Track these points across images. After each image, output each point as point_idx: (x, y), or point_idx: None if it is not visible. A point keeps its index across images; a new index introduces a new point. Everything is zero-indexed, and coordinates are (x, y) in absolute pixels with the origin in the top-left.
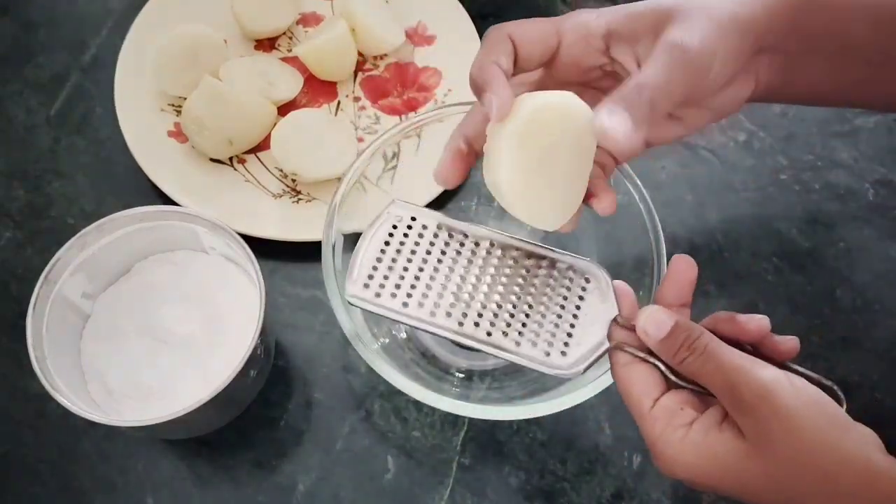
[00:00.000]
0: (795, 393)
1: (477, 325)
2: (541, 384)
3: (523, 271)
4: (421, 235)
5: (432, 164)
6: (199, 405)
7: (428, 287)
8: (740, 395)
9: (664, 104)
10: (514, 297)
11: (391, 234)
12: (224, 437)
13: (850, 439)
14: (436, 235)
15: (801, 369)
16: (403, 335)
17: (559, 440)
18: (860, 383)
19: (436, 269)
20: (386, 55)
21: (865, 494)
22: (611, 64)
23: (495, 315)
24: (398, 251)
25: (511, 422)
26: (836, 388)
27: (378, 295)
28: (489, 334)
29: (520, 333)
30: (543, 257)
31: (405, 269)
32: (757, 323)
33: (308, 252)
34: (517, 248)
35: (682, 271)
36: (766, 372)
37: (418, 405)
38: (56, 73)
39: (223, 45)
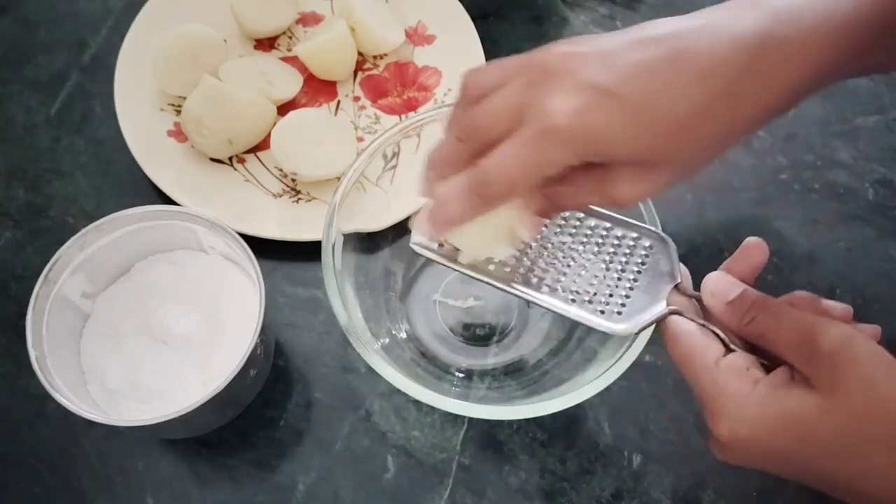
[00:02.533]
0: (873, 347)
1: (533, 280)
2: (541, 384)
3: (585, 235)
4: None
5: None
6: (199, 405)
7: None
8: (817, 344)
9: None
10: (573, 258)
11: None
12: (224, 436)
13: None
14: None
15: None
16: (403, 335)
17: (559, 440)
18: None
19: None
20: (386, 55)
21: None
22: None
23: (553, 272)
24: None
25: (511, 421)
26: None
27: (441, 245)
28: (545, 289)
29: (576, 291)
30: (607, 223)
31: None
32: (842, 310)
33: (308, 252)
34: (582, 212)
35: (753, 252)
36: (845, 325)
37: (418, 405)
38: (56, 73)
39: (223, 44)
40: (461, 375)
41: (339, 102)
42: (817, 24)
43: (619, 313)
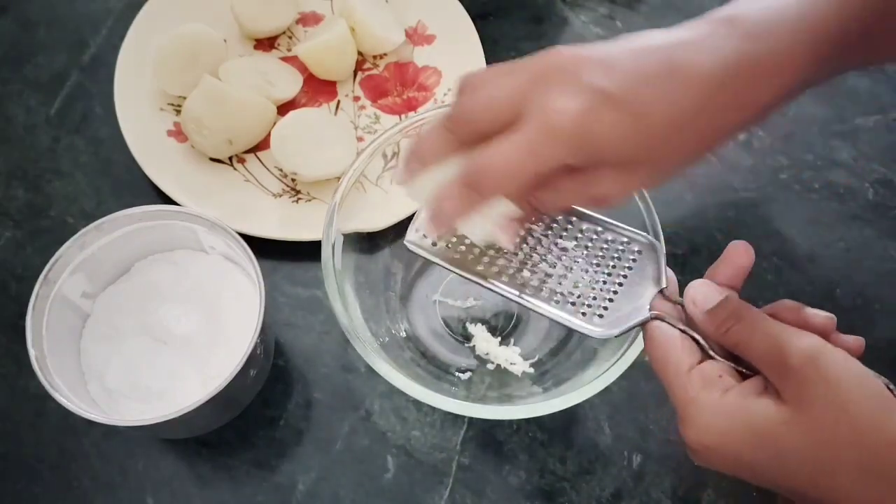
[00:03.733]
0: (846, 363)
1: (520, 281)
2: (540, 384)
3: (575, 238)
4: None
5: None
6: (199, 405)
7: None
8: (787, 357)
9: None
10: (561, 259)
11: None
12: (224, 436)
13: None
14: None
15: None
16: (403, 335)
17: (559, 440)
18: None
19: None
20: (385, 54)
21: None
22: None
23: (539, 273)
24: None
25: (511, 421)
26: (892, 386)
27: (434, 244)
28: (529, 289)
29: (560, 293)
30: (598, 226)
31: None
32: (824, 319)
33: (308, 251)
34: (574, 216)
35: (738, 255)
36: (817, 339)
37: (418, 405)
38: (56, 73)
39: (223, 44)
40: (461, 375)
41: (338, 102)
42: (788, 39)
43: (601, 316)
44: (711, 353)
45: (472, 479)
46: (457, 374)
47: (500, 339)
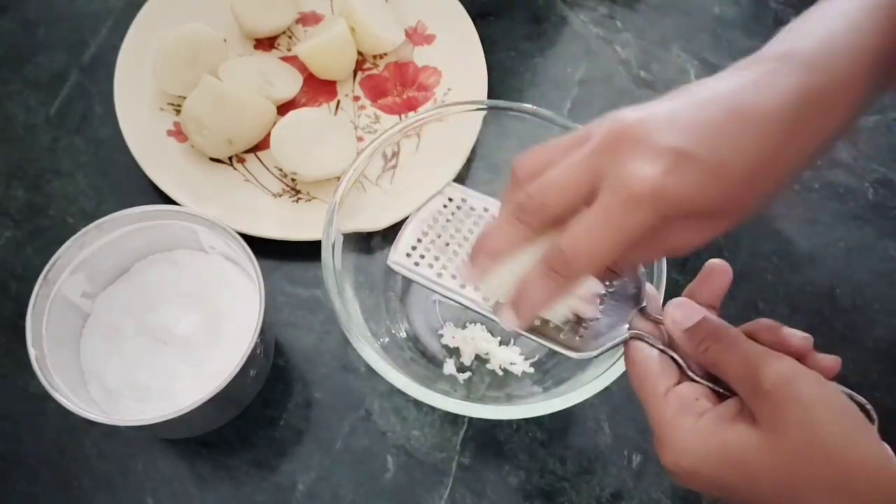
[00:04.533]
0: (818, 387)
1: (500, 301)
2: (541, 384)
3: None
4: (468, 216)
5: (432, 163)
6: (199, 404)
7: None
8: (761, 379)
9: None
10: None
11: (440, 212)
12: (224, 436)
13: (869, 443)
14: (480, 217)
15: (833, 384)
16: (403, 334)
17: (559, 440)
18: (860, 383)
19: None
20: (385, 54)
21: (879, 499)
22: None
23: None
24: (444, 227)
25: (511, 421)
26: (868, 406)
27: (417, 264)
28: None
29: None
30: None
31: (447, 244)
32: (801, 339)
33: (308, 251)
34: None
35: (715, 276)
36: (791, 361)
37: (418, 405)
38: (55, 73)
39: (223, 44)
40: (461, 375)
41: (338, 102)
42: (849, 67)
43: (581, 337)
44: (690, 373)
45: (471, 479)
46: (457, 374)
47: (499, 339)
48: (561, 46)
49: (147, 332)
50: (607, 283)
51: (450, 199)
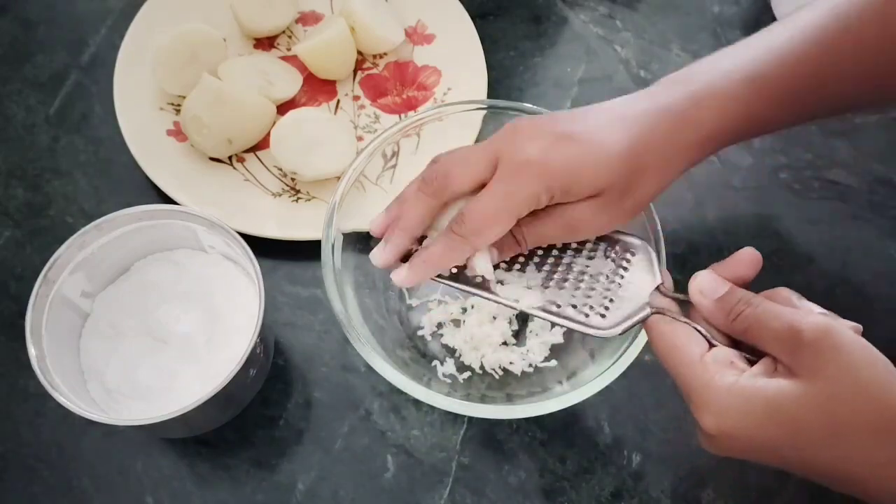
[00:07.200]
0: (853, 336)
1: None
2: (541, 384)
3: (571, 247)
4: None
5: None
6: (199, 404)
7: None
8: (801, 333)
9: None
10: (557, 264)
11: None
12: (223, 436)
13: None
14: None
15: None
16: (403, 334)
17: (559, 439)
18: None
19: None
20: (385, 54)
21: None
22: None
23: (537, 278)
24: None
25: (511, 421)
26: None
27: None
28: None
29: (560, 298)
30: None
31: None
32: (821, 314)
33: (307, 251)
34: None
35: (745, 262)
36: (825, 317)
37: (418, 404)
38: (55, 72)
39: (222, 43)
40: (461, 375)
41: (338, 101)
42: (721, 88)
43: (604, 316)
44: (714, 342)
45: (471, 479)
46: (457, 373)
47: (500, 339)
48: (561, 46)
49: (147, 331)
50: (623, 267)
51: None
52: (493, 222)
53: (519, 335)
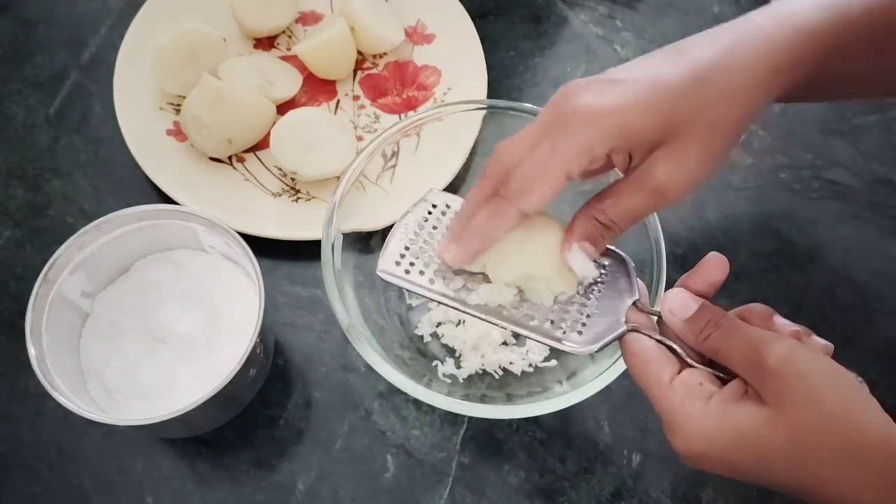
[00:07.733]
0: (819, 362)
1: (497, 304)
2: (541, 384)
3: None
4: None
5: (431, 162)
6: (199, 404)
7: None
8: (764, 360)
9: (625, 227)
10: None
11: (426, 219)
12: (223, 436)
13: (870, 410)
14: None
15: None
16: (403, 334)
17: (559, 439)
18: None
19: None
20: (385, 54)
21: (885, 464)
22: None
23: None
24: (430, 234)
25: (511, 421)
26: (860, 380)
27: (407, 272)
28: (507, 312)
29: (537, 313)
30: None
31: (436, 249)
32: (793, 331)
33: (307, 251)
34: None
35: (712, 269)
36: (791, 341)
37: (418, 404)
38: (55, 72)
39: (222, 43)
40: (461, 375)
41: (338, 101)
42: (792, 11)
43: (580, 333)
44: (689, 360)
45: (471, 479)
46: (457, 373)
47: (500, 339)
48: (561, 46)
49: (147, 331)
50: (600, 282)
51: (434, 206)
52: (539, 179)
53: (519, 335)
